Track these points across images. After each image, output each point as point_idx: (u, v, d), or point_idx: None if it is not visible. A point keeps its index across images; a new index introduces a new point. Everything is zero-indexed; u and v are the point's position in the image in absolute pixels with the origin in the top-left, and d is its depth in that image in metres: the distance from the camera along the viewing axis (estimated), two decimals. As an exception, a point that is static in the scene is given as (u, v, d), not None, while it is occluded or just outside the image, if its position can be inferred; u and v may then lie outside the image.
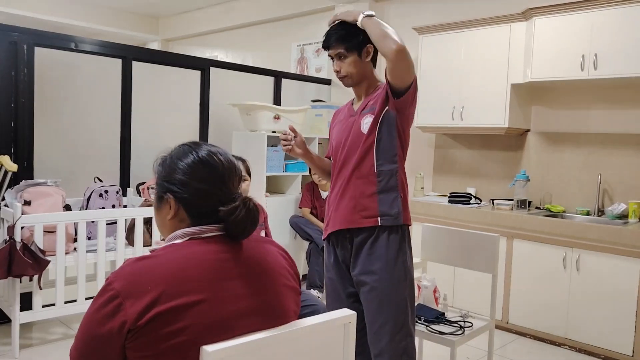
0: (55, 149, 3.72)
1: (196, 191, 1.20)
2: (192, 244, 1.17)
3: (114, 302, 1.05)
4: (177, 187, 1.20)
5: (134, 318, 1.04)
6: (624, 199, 3.68)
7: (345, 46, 2.08)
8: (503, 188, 4.28)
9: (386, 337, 2.04)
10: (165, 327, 1.04)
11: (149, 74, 4.23)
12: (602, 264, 3.29)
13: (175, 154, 1.25)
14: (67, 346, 3.18)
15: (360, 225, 2.06)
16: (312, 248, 4.45)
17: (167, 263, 1.11)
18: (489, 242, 2.64)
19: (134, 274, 1.08)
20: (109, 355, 1.08)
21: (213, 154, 1.23)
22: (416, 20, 4.69)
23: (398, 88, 2.00)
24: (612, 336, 3.26)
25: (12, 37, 3.42)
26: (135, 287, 1.06)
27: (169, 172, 1.22)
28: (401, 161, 2.11)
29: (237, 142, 4.58)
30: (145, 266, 1.09)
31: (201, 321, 1.07)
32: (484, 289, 3.59)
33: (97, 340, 1.07)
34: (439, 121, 4.29)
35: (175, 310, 1.05)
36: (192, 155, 1.22)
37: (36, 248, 2.94)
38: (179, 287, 1.07)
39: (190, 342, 1.05)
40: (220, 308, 1.11)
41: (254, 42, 6.61)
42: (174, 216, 1.22)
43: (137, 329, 1.04)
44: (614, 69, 3.37)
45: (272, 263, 1.25)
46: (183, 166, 1.21)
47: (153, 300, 1.05)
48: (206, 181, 1.20)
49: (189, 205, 1.21)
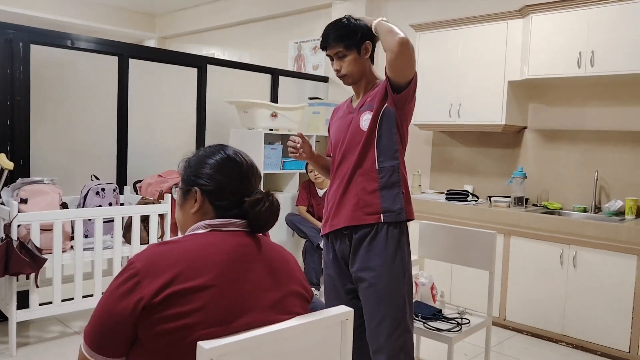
0: (52, 146, 3.71)
1: (222, 184, 1.29)
2: (214, 234, 1.24)
3: (133, 280, 1.12)
4: (204, 180, 1.29)
5: (150, 296, 1.10)
6: (620, 196, 3.69)
7: (344, 45, 2.08)
8: (500, 185, 4.29)
9: (384, 334, 2.04)
10: (177, 307, 1.10)
11: (146, 72, 4.22)
12: (599, 260, 3.30)
13: (203, 152, 1.35)
14: (65, 344, 3.19)
15: (363, 222, 2.06)
16: (307, 246, 4.46)
17: (186, 248, 1.18)
18: (486, 239, 2.64)
19: (154, 255, 1.15)
20: (122, 333, 1.12)
21: (238, 154, 1.34)
22: (413, 18, 4.69)
23: (398, 83, 2.00)
24: (609, 332, 3.27)
25: (8, 35, 3.41)
26: (154, 267, 1.13)
27: (197, 167, 1.32)
28: (402, 157, 2.12)
29: (235, 139, 4.58)
30: (166, 249, 1.17)
31: (211, 306, 1.12)
32: (481, 286, 3.60)
33: (113, 316, 1.12)
34: (436, 119, 4.29)
35: (188, 292, 1.11)
36: (219, 154, 1.32)
37: (33, 246, 2.94)
38: (195, 270, 1.14)
39: (198, 325, 1.10)
40: (231, 296, 1.16)
41: (251, 40, 6.60)
42: (198, 209, 1.29)
43: (152, 306, 1.09)
44: (611, 66, 3.38)
45: (289, 264, 1.33)
46: (211, 162, 1.31)
47: (169, 280, 1.11)
48: (231, 176, 1.30)
49: (214, 196, 1.29)
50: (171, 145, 4.42)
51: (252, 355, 1.11)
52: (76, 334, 3.36)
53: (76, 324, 3.51)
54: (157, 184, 3.78)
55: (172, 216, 3.71)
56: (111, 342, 1.13)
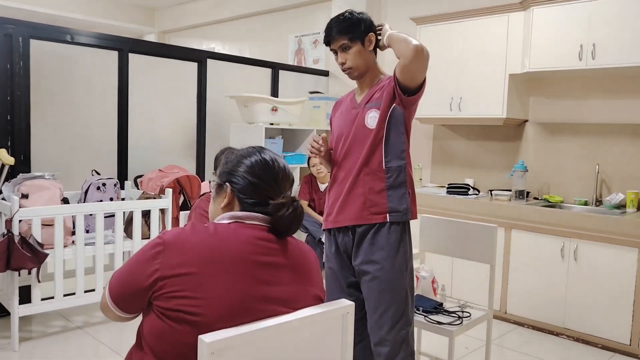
0: (52, 142, 3.71)
1: (251, 184, 1.34)
2: (237, 226, 1.30)
3: (158, 249, 1.21)
4: (236, 178, 1.35)
5: (166, 268, 1.18)
6: (621, 189, 3.68)
7: (349, 37, 2.09)
8: (501, 179, 4.28)
9: (387, 326, 2.06)
10: (187, 291, 1.16)
11: (146, 66, 4.21)
12: (600, 253, 3.30)
13: (241, 152, 1.41)
14: (67, 339, 3.20)
15: (369, 221, 2.07)
16: (308, 240, 4.46)
17: (208, 235, 1.24)
18: (487, 232, 2.64)
19: (182, 234, 1.23)
20: (136, 295, 1.22)
21: (273, 160, 1.40)
22: (414, 11, 4.67)
23: (408, 86, 2.01)
24: (609, 325, 3.27)
25: (8, 30, 3.40)
26: (179, 244, 1.21)
27: (233, 165, 1.38)
28: (408, 157, 2.13)
29: (235, 134, 4.57)
30: (193, 231, 1.25)
31: (222, 293, 1.17)
32: (482, 279, 3.60)
33: (133, 278, 1.22)
34: (437, 112, 4.28)
35: (199, 278, 1.17)
36: (255, 156, 1.38)
37: (34, 241, 2.94)
38: (211, 259, 1.20)
39: (207, 313, 1.15)
40: (244, 287, 1.20)
41: (251, 34, 6.58)
42: (227, 204, 1.37)
43: (164, 278, 1.17)
44: (612, 58, 3.36)
45: (310, 265, 1.37)
46: (247, 162, 1.37)
47: (187, 260, 1.18)
48: (263, 179, 1.35)
49: (243, 195, 1.35)
50: (172, 139, 4.42)
51: (253, 348, 1.12)
52: (78, 328, 3.38)
53: (78, 318, 3.52)
54: (157, 179, 3.78)
55: (174, 211, 3.72)
56: (128, 302, 1.25)
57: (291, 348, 1.20)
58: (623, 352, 3.23)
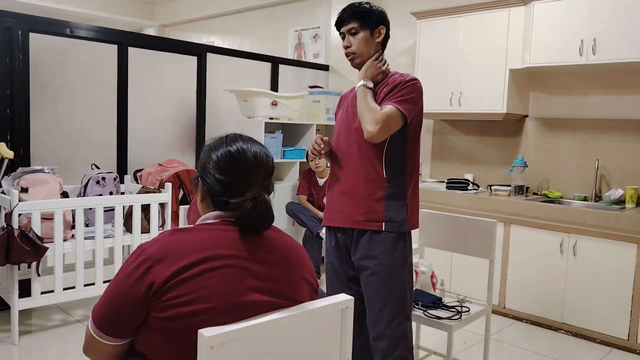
0: (52, 135, 3.70)
1: (218, 181, 1.29)
2: (224, 224, 1.27)
3: (145, 265, 1.15)
4: (207, 174, 1.31)
5: (162, 281, 1.13)
6: (621, 185, 3.69)
7: (360, 22, 2.09)
8: (501, 174, 4.28)
9: (385, 321, 2.06)
10: (188, 295, 1.13)
11: (145, 60, 4.20)
12: (599, 249, 3.31)
13: (211, 144, 1.36)
14: (66, 333, 3.21)
15: (364, 227, 2.07)
16: (307, 235, 4.46)
17: (198, 237, 1.22)
18: (486, 227, 2.64)
19: (167, 244, 1.19)
20: (131, 315, 1.16)
21: (240, 150, 1.31)
22: (414, 5, 4.66)
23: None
24: (608, 320, 3.28)
25: (7, 23, 3.39)
26: (166, 255, 1.16)
27: (205, 161, 1.33)
28: (410, 168, 2.10)
29: (234, 128, 4.56)
30: (178, 238, 1.21)
31: (214, 294, 1.15)
32: (481, 274, 3.60)
33: (124, 299, 1.16)
34: (437, 107, 4.28)
35: (198, 279, 1.15)
36: (222, 148, 1.32)
37: (34, 235, 2.94)
38: (205, 259, 1.17)
39: (209, 311, 1.14)
40: (240, 282, 1.19)
41: (251, 28, 6.56)
42: (202, 200, 1.35)
43: (162, 291, 1.13)
44: (613, 54, 3.36)
45: (294, 255, 1.34)
46: (214, 157, 1.31)
47: (180, 268, 1.15)
48: (230, 174, 1.29)
49: (211, 193, 1.31)
50: (171, 133, 4.41)
51: (253, 342, 1.12)
52: (78, 322, 3.38)
53: (78, 312, 3.53)
54: (157, 173, 3.78)
55: (173, 205, 3.72)
56: (120, 323, 1.18)
57: (291, 342, 1.21)
58: (621, 347, 3.24)
